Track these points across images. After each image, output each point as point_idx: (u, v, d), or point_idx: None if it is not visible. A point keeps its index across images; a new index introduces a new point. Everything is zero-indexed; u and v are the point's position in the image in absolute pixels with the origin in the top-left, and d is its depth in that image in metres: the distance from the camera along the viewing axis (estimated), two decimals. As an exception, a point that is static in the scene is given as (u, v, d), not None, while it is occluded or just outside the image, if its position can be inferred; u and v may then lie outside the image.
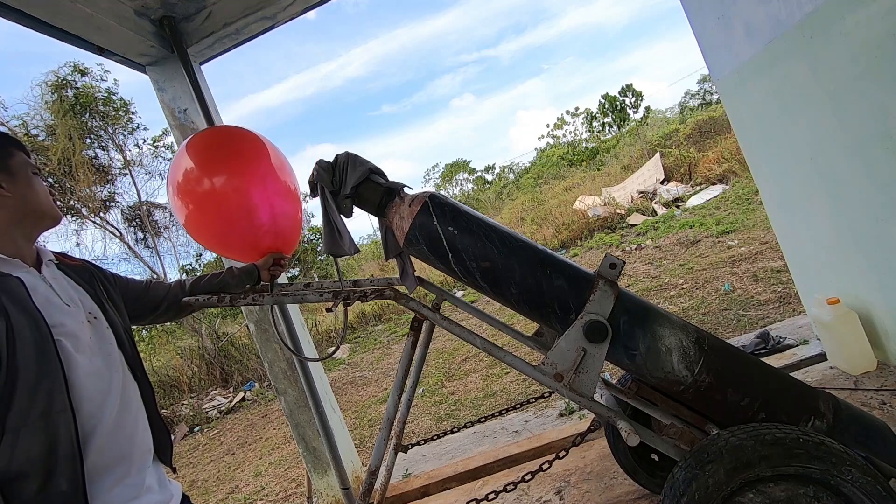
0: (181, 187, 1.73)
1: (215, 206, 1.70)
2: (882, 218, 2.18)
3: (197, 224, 1.79)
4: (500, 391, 4.36)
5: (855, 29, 1.98)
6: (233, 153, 1.77)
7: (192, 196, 1.73)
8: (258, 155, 1.81)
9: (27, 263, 1.08)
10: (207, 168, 1.73)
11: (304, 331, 2.98)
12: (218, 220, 1.73)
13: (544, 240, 10.04)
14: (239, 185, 1.71)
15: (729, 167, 9.86)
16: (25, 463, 0.93)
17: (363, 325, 9.93)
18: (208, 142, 1.83)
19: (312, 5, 2.83)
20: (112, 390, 1.09)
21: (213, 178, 1.71)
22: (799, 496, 1.20)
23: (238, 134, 1.86)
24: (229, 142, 1.82)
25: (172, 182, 1.75)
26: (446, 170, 33.71)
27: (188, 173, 1.74)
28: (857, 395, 2.29)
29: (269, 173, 1.79)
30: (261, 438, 5.56)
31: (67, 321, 1.05)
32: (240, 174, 1.73)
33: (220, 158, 1.75)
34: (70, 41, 2.39)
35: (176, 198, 1.75)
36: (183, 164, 1.75)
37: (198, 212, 1.74)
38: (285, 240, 1.85)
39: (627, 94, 25.20)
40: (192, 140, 1.81)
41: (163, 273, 10.73)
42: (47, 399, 0.96)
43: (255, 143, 1.83)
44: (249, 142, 1.83)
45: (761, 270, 4.86)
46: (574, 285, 1.47)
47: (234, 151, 1.78)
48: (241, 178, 1.72)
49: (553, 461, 1.76)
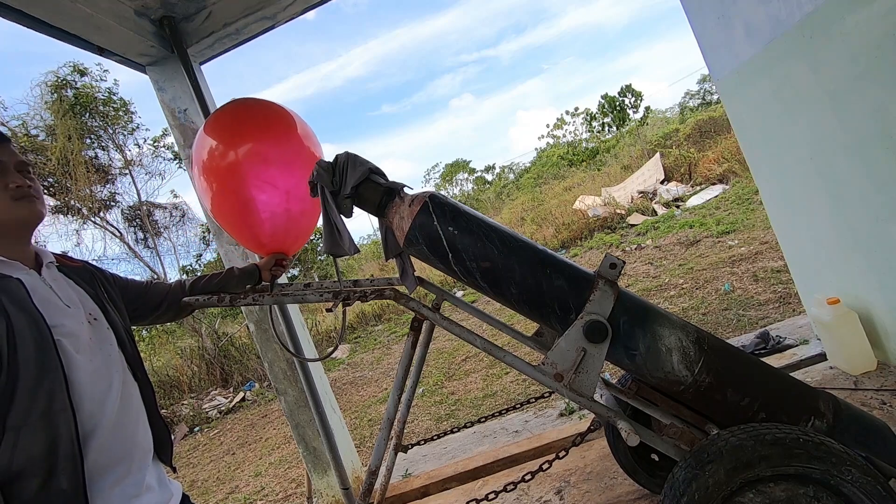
0: (208, 165, 1.81)
1: (242, 189, 1.77)
2: (882, 218, 2.18)
3: (221, 203, 1.86)
4: (500, 391, 4.36)
5: (855, 29, 1.98)
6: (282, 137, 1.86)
7: (220, 174, 1.80)
8: (298, 151, 1.88)
9: (27, 265, 1.08)
10: (240, 146, 1.79)
11: (304, 331, 2.98)
12: (239, 207, 1.80)
13: (544, 240, 10.04)
14: (268, 178, 1.77)
15: (729, 167, 9.86)
16: (26, 462, 0.93)
17: (363, 325, 9.93)
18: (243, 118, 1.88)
19: (312, 5, 2.83)
20: (112, 390, 1.09)
21: (242, 161, 1.77)
22: (799, 496, 1.20)
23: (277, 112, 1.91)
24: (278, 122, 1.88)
25: (200, 160, 1.82)
26: (446, 170, 33.73)
27: (215, 151, 1.81)
28: (857, 395, 2.29)
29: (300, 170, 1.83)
30: (261, 438, 5.56)
31: (67, 322, 1.05)
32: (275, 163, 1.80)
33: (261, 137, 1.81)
34: (70, 41, 2.38)
35: (202, 178, 1.83)
36: (208, 143, 1.82)
37: (224, 192, 1.81)
38: (293, 241, 1.86)
39: (627, 95, 25.20)
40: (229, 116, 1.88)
41: (163, 273, 10.73)
42: (48, 398, 0.96)
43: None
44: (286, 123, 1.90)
45: (761, 270, 4.86)
46: (574, 285, 1.47)
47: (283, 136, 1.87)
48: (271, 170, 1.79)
49: (553, 461, 1.76)
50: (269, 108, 1.88)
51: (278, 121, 1.87)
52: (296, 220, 1.86)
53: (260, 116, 1.84)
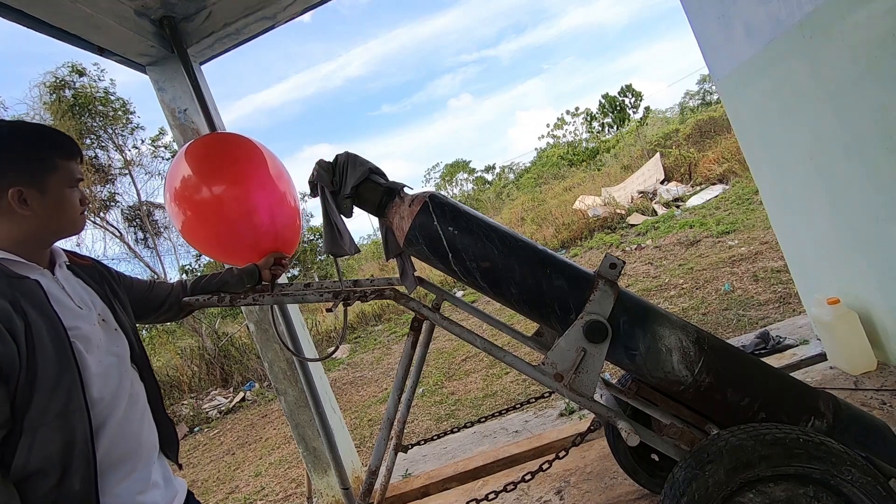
0: (179, 194, 1.74)
1: (215, 213, 1.72)
2: (882, 218, 2.18)
3: (195, 231, 1.81)
4: (500, 391, 4.36)
5: (855, 29, 1.98)
6: (230, 160, 1.79)
7: (191, 203, 1.75)
8: (256, 162, 1.84)
9: (42, 265, 1.10)
10: (206, 176, 1.75)
11: (304, 331, 2.98)
12: (218, 228, 1.75)
13: (544, 240, 10.04)
14: (238, 193, 1.74)
15: (729, 167, 9.86)
16: (43, 460, 0.94)
17: (363, 325, 9.93)
18: (206, 150, 1.85)
19: (313, 5, 2.83)
20: (121, 389, 1.10)
21: (212, 187, 1.73)
22: (799, 496, 1.20)
23: (235, 141, 1.88)
24: (227, 149, 1.85)
25: (170, 189, 1.76)
26: (446, 170, 33.73)
27: (186, 181, 1.75)
28: (857, 395, 2.29)
29: (267, 179, 1.81)
30: (261, 438, 5.56)
31: (81, 324, 1.06)
32: (238, 182, 1.76)
33: (219, 167, 1.77)
34: (70, 41, 2.38)
35: (174, 204, 1.76)
36: (181, 171, 1.76)
37: (196, 219, 1.76)
38: (285, 241, 1.86)
39: (627, 95, 25.20)
40: (190, 148, 1.83)
41: (163, 273, 10.73)
42: (66, 398, 0.98)
43: (252, 150, 1.86)
44: (246, 149, 1.86)
45: (761, 270, 4.86)
46: (574, 285, 1.47)
47: (232, 159, 1.80)
48: (240, 186, 1.75)
49: (553, 461, 1.76)
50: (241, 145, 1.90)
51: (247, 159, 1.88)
52: (286, 226, 1.87)
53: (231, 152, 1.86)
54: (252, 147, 1.86)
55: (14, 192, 1.01)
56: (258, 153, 1.85)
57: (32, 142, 1.07)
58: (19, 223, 1.03)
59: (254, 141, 1.90)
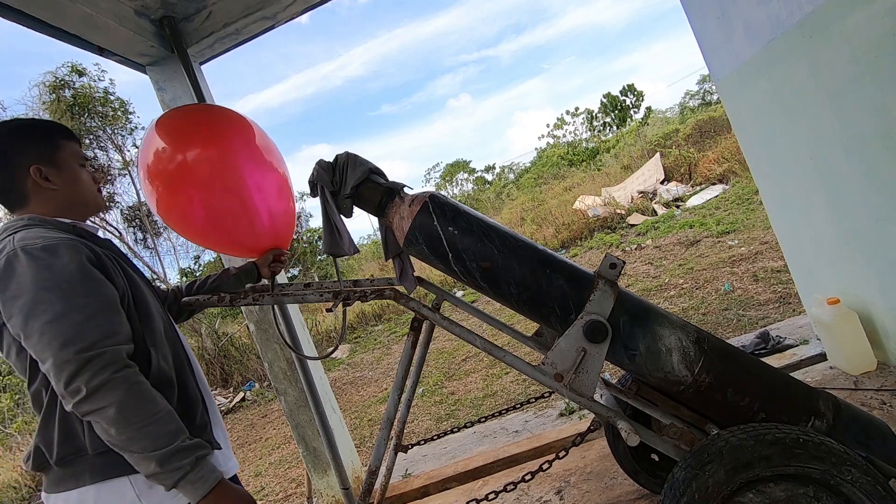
0: (156, 172, 1.55)
1: (207, 195, 1.58)
2: (882, 218, 2.18)
3: (184, 214, 1.64)
4: (500, 391, 4.36)
5: (855, 29, 1.98)
6: (217, 134, 1.62)
7: (170, 181, 1.57)
8: (246, 141, 1.69)
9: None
10: (191, 152, 1.57)
11: (304, 331, 2.98)
12: (212, 213, 1.61)
13: (544, 240, 10.03)
14: (231, 181, 1.60)
15: (729, 167, 9.85)
16: (168, 369, 1.16)
17: (363, 325, 9.93)
18: (187, 123, 1.65)
19: (313, 5, 2.83)
20: (181, 337, 1.31)
21: (198, 164, 1.55)
22: (799, 496, 1.20)
23: (222, 115, 1.71)
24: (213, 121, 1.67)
25: (145, 167, 1.57)
26: (446, 170, 33.71)
27: (162, 157, 1.55)
28: (857, 395, 2.29)
29: (259, 163, 1.70)
30: (261, 438, 5.56)
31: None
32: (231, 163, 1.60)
33: (205, 139, 1.59)
34: (70, 41, 2.38)
35: (148, 183, 1.58)
36: (155, 145, 1.56)
37: (181, 199, 1.59)
38: (281, 234, 1.82)
39: (628, 95, 25.19)
40: (166, 122, 1.64)
41: (163, 273, 10.74)
42: (165, 324, 1.23)
43: (241, 125, 1.71)
44: (234, 123, 1.70)
45: (761, 270, 4.86)
46: (574, 285, 1.47)
47: (218, 133, 1.63)
48: (231, 165, 1.60)
49: (553, 461, 1.76)
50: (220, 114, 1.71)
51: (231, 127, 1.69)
52: (281, 219, 1.80)
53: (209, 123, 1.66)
54: (245, 127, 1.72)
55: (34, 169, 1.15)
56: (250, 135, 1.71)
57: (34, 127, 1.22)
58: (52, 197, 1.18)
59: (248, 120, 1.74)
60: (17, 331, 0.98)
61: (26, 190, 1.15)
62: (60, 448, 1.04)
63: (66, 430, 1.04)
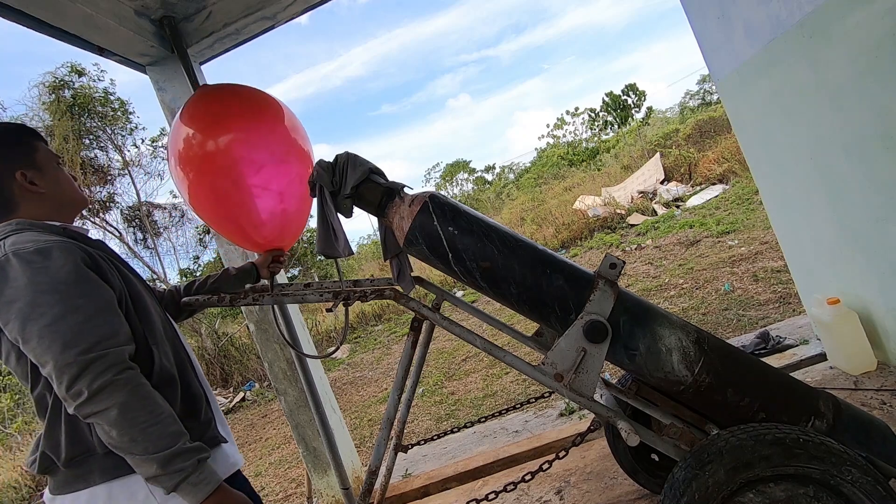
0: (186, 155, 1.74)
1: (229, 183, 1.72)
2: (882, 218, 2.18)
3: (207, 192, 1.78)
4: (500, 391, 4.36)
5: (855, 29, 1.98)
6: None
7: (201, 165, 1.73)
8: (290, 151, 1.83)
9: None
10: (223, 135, 1.72)
11: (304, 331, 2.98)
12: (225, 201, 1.76)
13: (544, 240, 10.03)
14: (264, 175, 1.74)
15: (729, 167, 9.85)
16: (171, 366, 1.16)
17: (363, 325, 9.93)
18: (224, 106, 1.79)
19: (313, 5, 2.83)
20: (181, 336, 1.31)
21: (227, 151, 1.71)
22: (799, 496, 1.20)
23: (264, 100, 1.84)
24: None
25: (177, 148, 1.74)
26: (446, 170, 33.69)
27: (192, 139, 1.74)
28: (857, 395, 2.29)
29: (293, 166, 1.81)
30: (261, 438, 5.56)
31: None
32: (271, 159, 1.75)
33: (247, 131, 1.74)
34: (70, 41, 2.38)
35: (179, 169, 1.75)
36: (184, 131, 1.75)
37: (210, 181, 1.74)
38: (288, 235, 1.84)
39: (630, 94, 25.17)
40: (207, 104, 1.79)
41: (163, 273, 10.73)
42: (165, 325, 1.23)
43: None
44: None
45: (761, 270, 4.86)
46: (574, 285, 1.47)
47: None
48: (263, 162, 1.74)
49: (553, 461, 1.76)
50: (256, 97, 1.85)
51: (266, 112, 1.83)
52: (291, 218, 1.84)
53: (246, 107, 1.80)
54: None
55: (19, 174, 1.14)
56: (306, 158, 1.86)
57: (7, 132, 1.20)
58: (40, 200, 1.17)
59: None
60: (15, 335, 0.97)
61: (14, 196, 1.14)
62: (69, 450, 1.03)
63: (73, 431, 1.04)
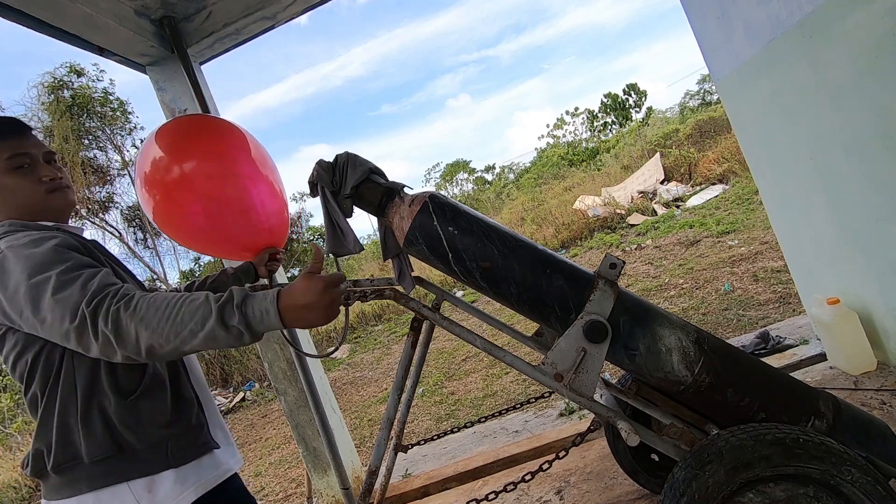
0: (154, 180, 1.60)
1: (205, 200, 1.63)
2: (882, 218, 2.18)
3: (180, 221, 1.68)
4: (500, 391, 4.36)
5: (855, 29, 1.98)
6: (213, 145, 1.69)
7: (169, 190, 1.62)
8: (241, 148, 1.76)
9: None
10: (187, 161, 1.62)
11: (304, 330, 2.98)
12: (207, 217, 1.65)
13: (544, 240, 10.04)
14: (235, 183, 1.67)
15: (729, 167, 9.85)
16: (162, 370, 1.15)
17: (363, 325, 9.93)
18: (184, 133, 1.71)
19: (313, 5, 2.83)
20: None
21: (194, 173, 1.61)
22: (799, 496, 1.20)
23: (216, 125, 1.79)
24: (210, 133, 1.73)
25: (142, 175, 1.61)
26: (446, 170, 33.70)
27: (160, 165, 1.61)
28: (857, 395, 2.29)
29: (254, 168, 1.75)
30: (261, 438, 5.57)
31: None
32: (229, 169, 1.67)
33: (202, 151, 1.65)
34: (70, 41, 2.38)
35: (145, 191, 1.62)
36: (152, 153, 1.61)
37: (179, 207, 1.63)
38: (276, 233, 1.83)
39: (631, 94, 25.17)
40: (165, 132, 1.69)
41: (163, 273, 10.73)
42: None
43: (236, 135, 1.78)
44: (229, 133, 1.77)
45: (761, 270, 4.86)
46: (574, 285, 1.47)
47: (215, 143, 1.70)
48: (229, 173, 1.67)
49: (553, 461, 1.76)
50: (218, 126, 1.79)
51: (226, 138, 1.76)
52: (272, 215, 1.82)
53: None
54: (239, 136, 1.78)
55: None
56: (244, 143, 1.77)
57: None
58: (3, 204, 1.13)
59: (236, 125, 1.81)
60: (33, 320, 0.95)
61: None
62: (57, 454, 1.03)
63: (63, 435, 1.04)
